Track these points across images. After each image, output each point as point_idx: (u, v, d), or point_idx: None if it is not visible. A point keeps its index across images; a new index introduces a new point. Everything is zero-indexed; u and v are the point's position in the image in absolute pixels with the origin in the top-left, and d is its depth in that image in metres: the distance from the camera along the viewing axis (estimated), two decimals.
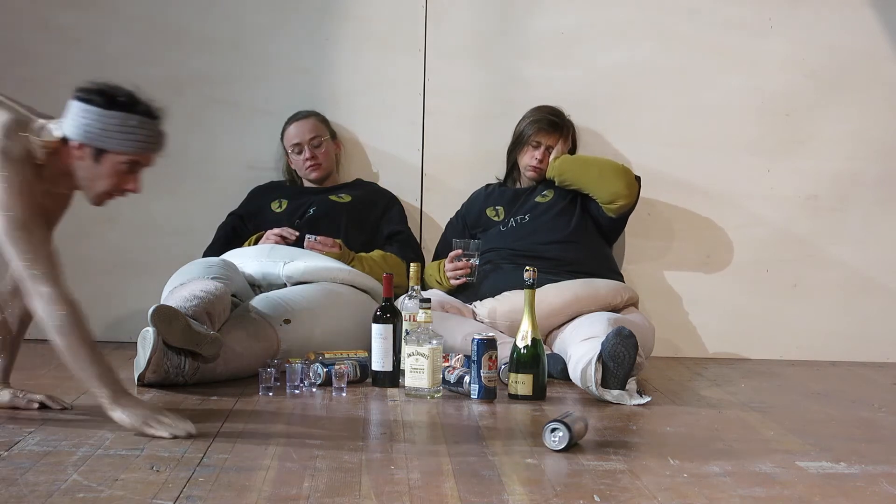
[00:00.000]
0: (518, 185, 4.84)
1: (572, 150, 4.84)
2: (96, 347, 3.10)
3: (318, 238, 4.55)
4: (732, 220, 4.97)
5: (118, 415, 3.07)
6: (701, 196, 4.97)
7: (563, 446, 3.01)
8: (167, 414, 3.10)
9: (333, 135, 4.85)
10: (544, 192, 4.73)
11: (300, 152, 4.78)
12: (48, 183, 3.21)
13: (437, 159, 4.96)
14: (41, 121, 3.22)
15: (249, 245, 4.62)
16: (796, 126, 4.96)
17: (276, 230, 4.59)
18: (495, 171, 4.91)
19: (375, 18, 4.94)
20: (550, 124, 4.74)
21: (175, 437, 3.02)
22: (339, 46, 4.94)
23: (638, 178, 4.69)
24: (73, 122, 3.17)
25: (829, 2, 4.94)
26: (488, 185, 4.88)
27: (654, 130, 4.97)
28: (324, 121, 4.84)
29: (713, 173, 4.97)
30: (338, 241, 4.58)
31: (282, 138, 4.85)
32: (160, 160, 4.87)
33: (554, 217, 4.65)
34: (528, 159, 4.75)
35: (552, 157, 4.73)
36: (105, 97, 3.15)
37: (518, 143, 4.79)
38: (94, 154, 3.16)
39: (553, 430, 3.03)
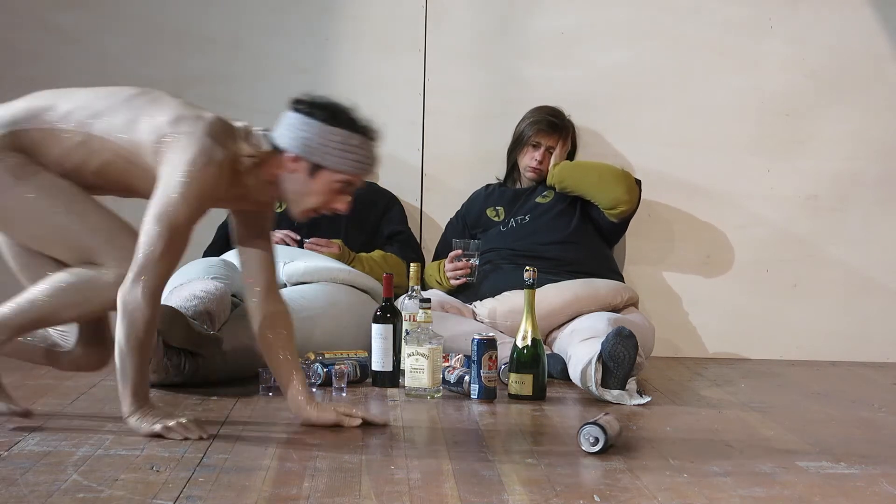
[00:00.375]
0: (518, 186, 4.84)
1: (572, 152, 4.84)
2: (147, 362, 3.06)
3: (314, 239, 4.54)
4: (732, 221, 4.97)
5: (134, 421, 3.04)
6: (701, 196, 4.97)
7: (598, 449, 2.98)
8: (184, 420, 3.06)
9: None
10: (545, 193, 4.73)
11: None
12: (244, 190, 3.14)
13: (437, 159, 4.96)
14: (244, 125, 3.16)
15: None
16: (796, 126, 4.96)
17: (279, 232, 4.58)
18: (495, 171, 4.91)
19: (375, 18, 4.94)
20: (550, 125, 4.74)
21: (186, 439, 3.00)
22: (338, 46, 4.95)
23: (638, 182, 4.69)
24: (290, 133, 3.09)
25: (829, 2, 4.94)
26: (488, 186, 4.88)
27: (654, 130, 4.97)
28: None
29: (713, 173, 4.97)
30: (336, 241, 4.58)
31: None
32: None
33: (554, 217, 4.65)
34: (528, 160, 4.75)
35: (552, 162, 4.72)
36: (328, 112, 3.09)
37: (518, 144, 4.79)
38: (309, 168, 3.09)
39: (589, 432, 2.99)
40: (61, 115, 3.11)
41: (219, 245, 4.68)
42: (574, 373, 3.93)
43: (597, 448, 2.98)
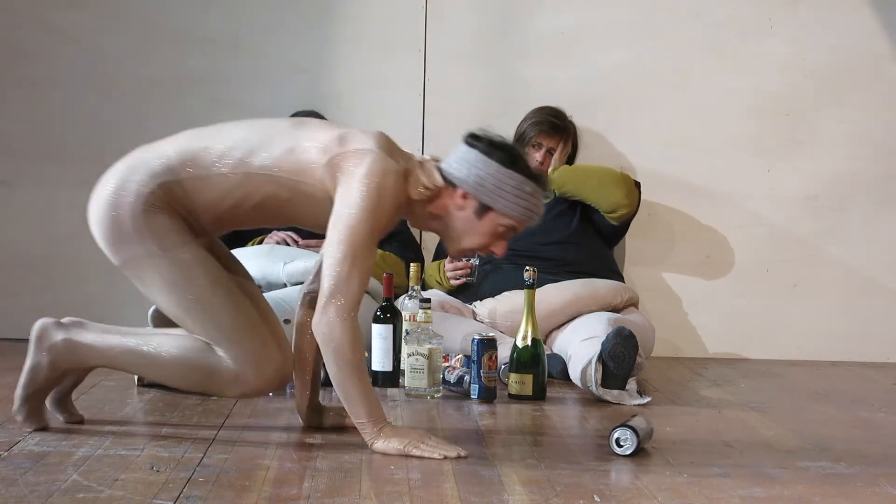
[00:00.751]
0: None
1: (573, 153, 4.84)
2: (367, 381, 2.97)
3: (315, 241, 4.55)
4: (732, 221, 4.97)
5: (380, 445, 2.94)
6: (701, 196, 4.97)
7: (629, 452, 2.96)
8: (431, 437, 2.97)
9: None
10: (545, 194, 4.72)
11: None
12: (409, 217, 3.11)
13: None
14: (419, 156, 3.12)
15: (252, 246, 4.62)
16: (796, 126, 4.96)
17: (281, 233, 4.58)
18: None
19: (375, 18, 4.94)
20: (552, 126, 4.74)
21: (445, 458, 2.88)
22: (338, 46, 4.95)
23: (638, 185, 4.68)
24: (465, 169, 3.04)
25: (829, 2, 4.94)
26: None
27: (654, 130, 4.97)
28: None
29: (713, 173, 4.97)
30: None
31: None
32: None
33: (554, 218, 4.64)
34: (529, 161, 4.74)
35: (551, 168, 4.72)
36: (507, 154, 3.02)
37: (519, 144, 4.79)
38: (477, 208, 3.04)
39: (620, 435, 2.97)
40: (217, 156, 3.01)
41: None
42: (574, 373, 3.93)
43: (628, 451, 2.96)
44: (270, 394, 3.02)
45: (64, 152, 4.91)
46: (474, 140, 3.07)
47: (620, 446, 2.97)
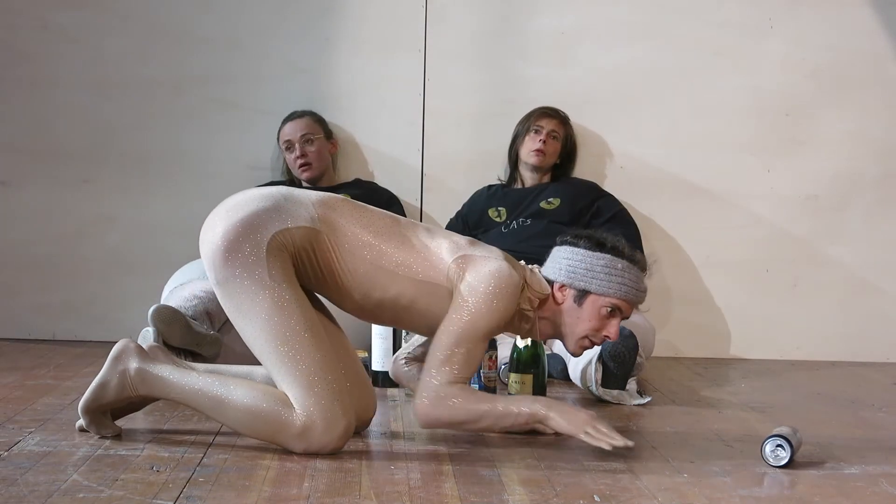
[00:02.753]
0: (521, 186, 4.83)
1: (571, 151, 4.84)
2: (491, 409, 3.03)
3: None
4: (732, 220, 4.98)
5: (556, 422, 3.03)
6: (701, 196, 4.97)
7: (783, 463, 2.92)
8: (602, 423, 3.02)
9: (329, 134, 4.85)
10: (550, 199, 4.72)
11: (291, 150, 4.78)
12: (524, 326, 3.17)
13: (437, 159, 4.97)
14: (525, 265, 3.19)
15: None
16: (796, 126, 4.96)
17: None
18: (495, 171, 4.92)
19: (375, 18, 4.94)
20: (552, 111, 4.81)
21: (614, 449, 2.96)
22: (338, 46, 4.95)
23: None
24: (556, 265, 3.15)
25: (829, 2, 4.94)
26: (491, 186, 4.88)
27: (654, 130, 4.97)
28: (319, 120, 4.83)
29: (713, 173, 4.97)
30: None
31: (278, 138, 4.85)
32: (159, 159, 4.93)
33: (555, 221, 4.63)
34: (531, 144, 4.76)
35: (552, 151, 4.74)
36: (592, 241, 3.13)
37: (518, 135, 4.81)
38: (575, 296, 3.12)
39: (777, 445, 2.92)
40: (355, 240, 3.07)
41: None
42: (574, 373, 3.93)
43: (783, 461, 2.91)
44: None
45: (64, 152, 4.91)
46: (562, 238, 3.20)
47: (776, 457, 2.92)
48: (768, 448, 2.93)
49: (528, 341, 3.80)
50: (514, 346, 3.83)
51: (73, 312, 4.92)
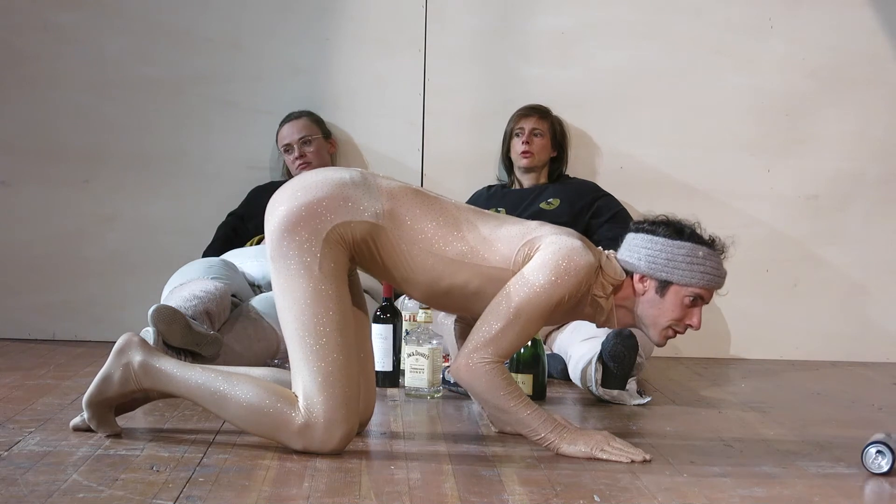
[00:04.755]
0: (519, 187, 4.83)
1: (562, 146, 4.82)
2: (523, 402, 3.01)
3: None
4: (732, 220, 4.97)
5: (567, 449, 2.99)
6: (701, 196, 4.97)
7: (885, 470, 2.87)
8: (616, 440, 3.00)
9: (327, 134, 4.84)
10: (550, 200, 4.72)
11: (290, 152, 4.78)
12: (593, 313, 3.12)
13: (437, 159, 4.96)
14: (601, 251, 3.13)
15: (252, 246, 4.62)
16: (796, 126, 4.96)
17: None
18: (495, 171, 4.92)
19: (375, 18, 4.94)
20: (529, 109, 4.80)
21: (633, 462, 2.93)
22: (338, 46, 4.94)
23: None
24: (635, 253, 3.09)
25: (829, 2, 4.94)
26: (490, 187, 4.87)
27: (654, 130, 4.97)
28: (317, 121, 4.83)
29: (713, 173, 4.97)
30: None
31: (276, 140, 4.85)
32: (159, 159, 4.93)
33: (555, 223, 4.63)
34: (517, 147, 4.77)
35: (537, 150, 4.73)
36: (671, 228, 3.07)
37: (506, 140, 4.81)
38: (657, 286, 3.07)
39: (878, 452, 2.87)
40: (420, 233, 3.05)
41: (218, 245, 4.68)
42: (574, 373, 3.93)
43: (885, 467, 2.86)
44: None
45: (64, 152, 4.91)
46: (638, 224, 3.13)
47: (878, 464, 2.87)
48: (870, 454, 2.88)
49: (529, 341, 3.80)
50: None
51: (73, 312, 4.92)
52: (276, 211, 3.03)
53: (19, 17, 4.89)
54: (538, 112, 4.81)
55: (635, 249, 3.09)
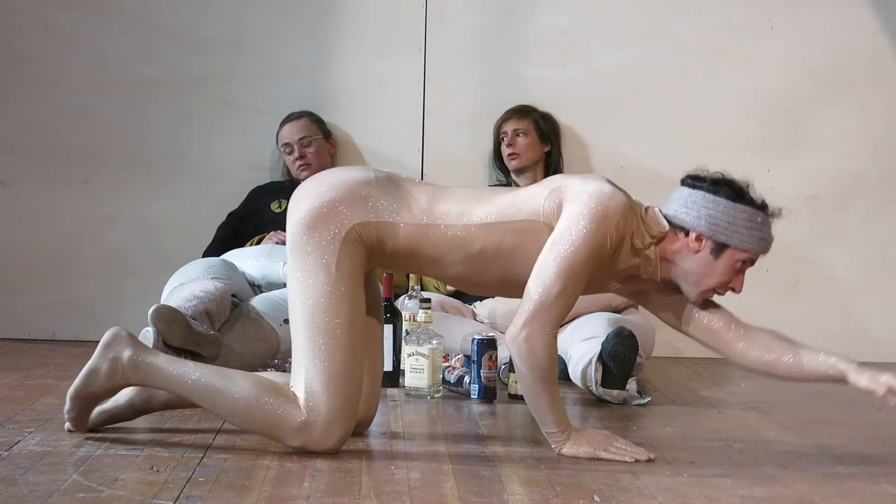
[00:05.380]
0: (517, 187, 4.84)
1: (552, 139, 4.80)
2: (556, 393, 2.96)
3: None
4: None
5: (569, 450, 2.95)
6: None
7: None
8: (619, 439, 2.97)
9: (327, 135, 4.84)
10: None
11: (290, 152, 4.78)
12: (633, 268, 3.04)
13: (437, 159, 4.96)
14: (641, 203, 3.08)
15: (252, 245, 4.62)
16: (796, 126, 4.96)
17: (281, 233, 4.58)
18: (495, 172, 4.91)
19: (375, 18, 4.94)
20: (509, 112, 4.79)
21: (637, 461, 2.90)
22: (338, 46, 4.94)
23: None
24: (694, 211, 3.02)
25: (829, 2, 4.94)
26: (491, 187, 4.88)
27: (654, 130, 4.97)
28: (317, 121, 4.83)
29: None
30: None
31: (277, 140, 4.85)
32: (159, 159, 4.93)
33: None
34: (504, 151, 4.77)
35: (524, 149, 4.72)
36: (733, 190, 3.01)
37: (496, 147, 4.82)
38: (713, 247, 3.01)
39: None
40: (441, 212, 3.01)
41: (218, 245, 4.68)
42: (574, 373, 3.93)
43: None
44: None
45: (64, 152, 4.91)
46: (696, 181, 3.05)
47: None
48: None
49: None
50: None
51: (73, 312, 4.92)
52: (300, 206, 3.01)
53: (19, 17, 4.89)
54: (517, 112, 4.80)
55: (693, 207, 3.02)
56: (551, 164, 4.82)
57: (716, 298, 3.21)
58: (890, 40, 4.95)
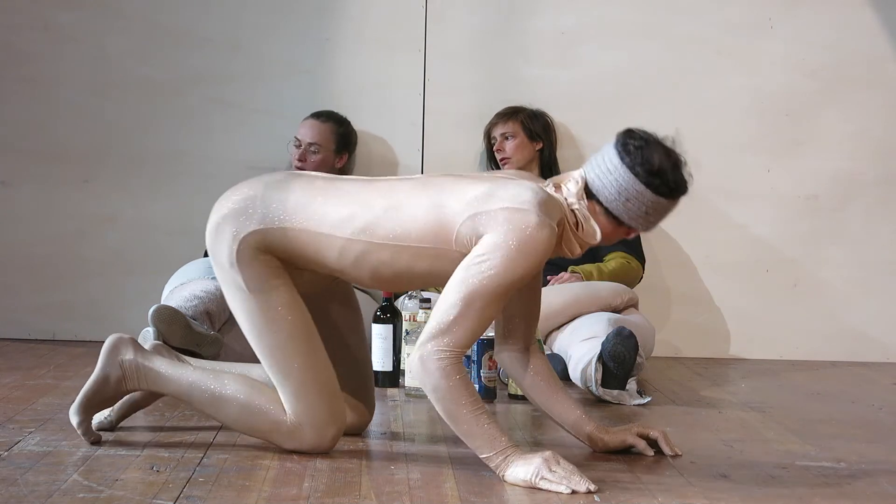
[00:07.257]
0: None
1: (543, 136, 4.79)
2: (479, 414, 2.73)
3: None
4: (732, 220, 4.97)
5: (509, 475, 2.70)
6: (701, 196, 4.95)
7: None
8: (559, 461, 2.70)
9: (340, 149, 4.77)
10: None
11: (298, 147, 4.75)
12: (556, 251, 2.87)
13: (437, 159, 4.96)
14: (559, 177, 2.91)
15: None
16: (796, 126, 4.96)
17: None
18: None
19: (375, 18, 4.94)
20: (497, 116, 4.78)
21: (574, 493, 2.62)
22: (338, 46, 4.94)
23: (643, 261, 4.65)
24: (612, 187, 2.84)
25: (829, 2, 4.94)
26: None
27: (653, 130, 4.95)
28: (338, 132, 4.74)
29: (713, 173, 4.96)
30: None
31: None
32: (159, 159, 4.93)
33: None
34: (496, 156, 4.76)
35: (512, 150, 4.71)
36: (646, 169, 2.87)
37: (488, 150, 4.81)
38: (618, 221, 2.87)
39: None
40: (339, 220, 2.86)
41: None
42: (574, 373, 3.93)
43: None
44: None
45: (64, 152, 4.91)
46: (624, 150, 2.89)
47: None
48: None
49: None
50: None
51: (73, 312, 4.92)
52: (207, 234, 2.98)
53: (19, 17, 4.89)
54: (503, 116, 4.78)
55: (615, 184, 2.85)
56: (546, 162, 4.81)
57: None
58: (890, 40, 4.95)
